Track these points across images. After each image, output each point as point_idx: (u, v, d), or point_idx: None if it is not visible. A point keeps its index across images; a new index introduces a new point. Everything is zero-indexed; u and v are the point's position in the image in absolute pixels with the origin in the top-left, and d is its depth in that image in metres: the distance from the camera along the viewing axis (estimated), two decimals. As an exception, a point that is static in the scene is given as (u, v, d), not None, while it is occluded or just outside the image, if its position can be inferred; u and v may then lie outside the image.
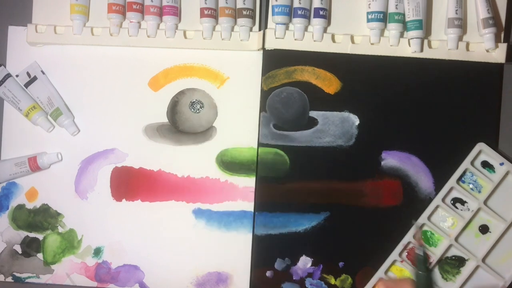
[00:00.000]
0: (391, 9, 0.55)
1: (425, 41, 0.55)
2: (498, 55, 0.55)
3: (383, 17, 0.55)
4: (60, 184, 0.57)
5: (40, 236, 0.57)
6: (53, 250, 0.57)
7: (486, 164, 0.56)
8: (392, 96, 0.57)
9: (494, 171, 0.56)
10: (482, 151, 0.56)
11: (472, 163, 0.56)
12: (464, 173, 0.56)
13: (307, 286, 0.56)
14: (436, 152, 0.56)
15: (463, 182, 0.56)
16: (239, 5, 0.55)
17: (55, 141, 0.57)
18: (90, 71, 0.57)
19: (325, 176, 0.56)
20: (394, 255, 0.55)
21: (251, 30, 0.56)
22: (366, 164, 0.56)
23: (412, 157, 0.56)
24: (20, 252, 0.57)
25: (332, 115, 0.56)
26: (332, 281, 0.56)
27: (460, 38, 0.55)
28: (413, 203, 0.56)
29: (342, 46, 0.56)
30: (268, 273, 0.56)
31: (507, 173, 0.56)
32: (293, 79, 0.57)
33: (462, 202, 0.56)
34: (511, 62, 0.56)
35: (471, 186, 0.56)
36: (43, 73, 0.57)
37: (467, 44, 0.56)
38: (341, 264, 0.56)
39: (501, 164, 0.56)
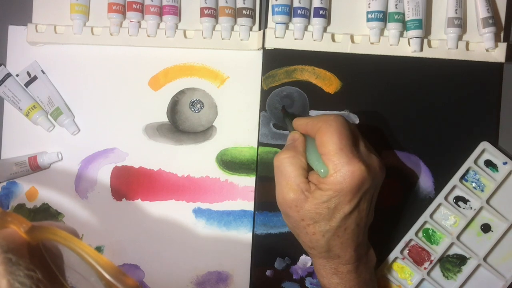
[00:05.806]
0: (391, 8, 0.55)
1: (425, 41, 0.55)
2: (497, 55, 0.55)
3: (383, 17, 0.55)
4: (60, 184, 0.57)
5: (39, 236, 0.57)
6: (52, 250, 0.57)
7: (489, 163, 0.56)
8: (392, 95, 0.57)
9: (497, 170, 0.56)
10: (486, 150, 0.55)
11: (475, 161, 0.55)
12: (467, 171, 0.56)
13: (307, 285, 0.56)
14: (435, 151, 0.56)
15: (466, 180, 0.56)
16: (239, 4, 0.55)
17: (55, 141, 0.57)
18: (90, 71, 0.57)
19: (326, 175, 0.56)
20: (395, 252, 0.55)
21: (251, 29, 0.56)
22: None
23: (412, 157, 0.56)
24: (19, 252, 0.57)
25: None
26: (333, 281, 0.56)
27: (459, 38, 0.55)
28: (412, 203, 0.56)
29: (342, 46, 0.56)
30: (268, 272, 0.56)
31: (510, 173, 0.55)
32: (293, 79, 0.57)
33: (465, 201, 0.56)
34: (510, 61, 0.56)
35: (474, 184, 0.56)
36: (43, 72, 0.57)
37: (467, 44, 0.56)
38: (342, 263, 0.56)
39: (504, 163, 0.55)
